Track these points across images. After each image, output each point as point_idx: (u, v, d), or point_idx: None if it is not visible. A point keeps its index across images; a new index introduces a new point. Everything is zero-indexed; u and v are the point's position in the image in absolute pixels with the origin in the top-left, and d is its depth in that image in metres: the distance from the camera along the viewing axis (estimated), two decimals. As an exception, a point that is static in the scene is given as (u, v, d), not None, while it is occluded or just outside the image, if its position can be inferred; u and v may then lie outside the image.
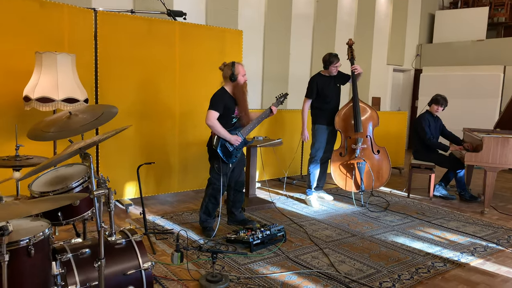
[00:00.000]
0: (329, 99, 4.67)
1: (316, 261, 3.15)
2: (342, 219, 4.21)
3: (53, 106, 3.07)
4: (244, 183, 3.86)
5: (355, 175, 4.65)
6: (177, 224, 3.89)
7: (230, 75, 3.50)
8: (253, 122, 3.66)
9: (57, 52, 3.12)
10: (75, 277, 1.99)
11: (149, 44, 4.29)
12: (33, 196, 2.17)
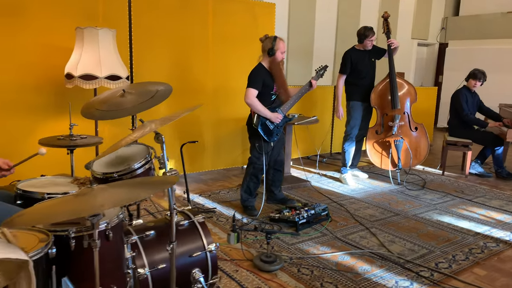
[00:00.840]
0: (363, 75, 4.52)
1: (365, 241, 3.09)
2: (382, 198, 4.14)
3: (96, 84, 2.98)
4: (283, 162, 3.78)
5: (392, 153, 4.55)
6: (216, 203, 3.85)
7: (269, 49, 3.37)
8: (293, 98, 3.55)
9: (98, 28, 3.01)
10: (143, 259, 1.95)
11: (182, 19, 4.16)
12: (95, 177, 2.11)
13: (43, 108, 3.41)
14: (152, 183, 1.33)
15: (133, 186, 1.28)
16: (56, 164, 3.27)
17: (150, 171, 2.15)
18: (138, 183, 1.33)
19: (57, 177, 2.22)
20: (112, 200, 1.15)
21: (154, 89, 2.37)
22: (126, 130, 3.96)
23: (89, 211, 1.10)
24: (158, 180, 1.33)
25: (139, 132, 1.61)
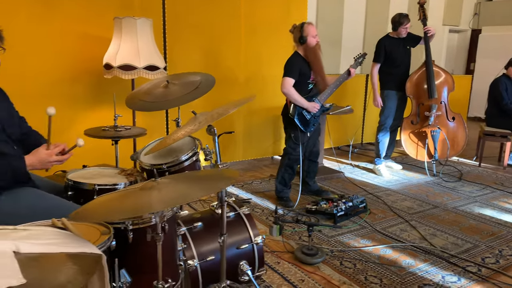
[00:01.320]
0: (398, 63, 4.40)
1: (405, 234, 3.03)
2: (418, 190, 4.05)
3: (135, 74, 2.97)
4: (319, 152, 3.73)
5: (428, 144, 4.43)
6: (250, 193, 3.84)
7: (299, 37, 3.30)
8: (331, 87, 3.48)
9: (136, 17, 2.99)
10: (193, 251, 1.95)
11: (215, 9, 4.11)
12: (143, 168, 2.11)
13: (82, 98, 3.44)
14: (214, 177, 1.30)
15: (196, 181, 1.25)
16: (96, 155, 3.30)
17: (197, 163, 2.13)
18: (201, 177, 1.30)
19: (104, 168, 2.23)
20: (179, 195, 1.12)
21: (197, 79, 2.35)
22: (161, 120, 3.97)
23: (159, 206, 1.08)
24: (219, 174, 1.30)
25: (193, 124, 1.58)
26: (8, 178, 1.60)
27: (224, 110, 1.56)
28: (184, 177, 1.31)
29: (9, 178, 1.59)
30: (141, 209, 1.11)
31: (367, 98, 5.70)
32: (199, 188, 1.17)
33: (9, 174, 1.52)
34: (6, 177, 1.59)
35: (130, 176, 2.07)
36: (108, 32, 3.37)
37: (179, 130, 1.67)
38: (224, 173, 1.34)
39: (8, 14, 3.01)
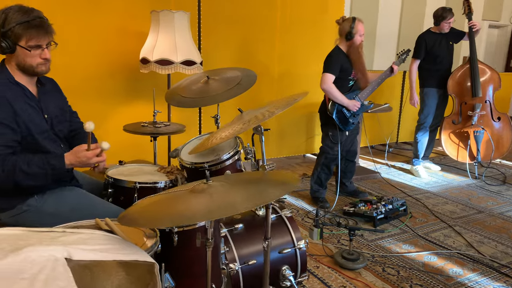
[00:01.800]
0: (440, 59, 4.19)
1: (450, 240, 2.87)
2: (459, 193, 3.86)
3: (172, 69, 2.92)
4: (356, 152, 3.59)
5: (470, 145, 4.22)
6: (283, 193, 3.74)
7: (347, 33, 3.16)
8: (372, 85, 3.33)
9: (174, 11, 2.93)
10: (234, 254, 1.87)
11: (250, 3, 4.01)
12: (183, 166, 2.05)
13: (118, 93, 3.41)
14: (271, 181, 1.20)
15: (251, 185, 1.16)
16: (131, 150, 3.27)
17: (238, 162, 2.05)
18: (255, 180, 1.21)
19: (143, 165, 2.18)
20: (235, 202, 1.03)
21: (238, 75, 2.27)
22: (194, 116, 3.91)
23: (214, 214, 0.99)
24: (277, 178, 1.21)
25: (241, 123, 1.50)
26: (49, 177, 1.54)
27: (274, 108, 1.47)
28: (237, 180, 1.23)
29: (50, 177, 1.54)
30: (193, 217, 1.02)
31: (404, 96, 5.50)
32: (257, 193, 1.08)
33: (49, 173, 1.47)
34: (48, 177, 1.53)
35: (170, 174, 2.01)
36: (144, 26, 3.33)
37: (225, 128, 1.59)
38: (281, 177, 1.24)
39: (48, 10, 2.99)
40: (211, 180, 1.19)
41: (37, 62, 1.60)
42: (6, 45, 1.53)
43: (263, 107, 1.61)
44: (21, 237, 0.99)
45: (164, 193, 1.30)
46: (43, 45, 1.59)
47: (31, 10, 1.56)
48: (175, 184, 1.98)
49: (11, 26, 1.51)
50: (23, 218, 1.59)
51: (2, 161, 1.45)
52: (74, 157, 1.50)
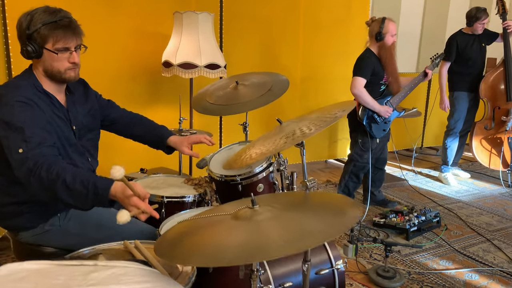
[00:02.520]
0: (471, 62, 3.99)
1: (490, 256, 2.69)
2: (493, 202, 3.66)
3: (196, 73, 2.79)
4: (386, 160, 3.42)
5: (504, 152, 4.01)
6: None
7: (377, 33, 2.99)
8: (405, 90, 3.16)
9: (198, 12, 2.80)
10: (268, 275, 1.73)
11: (273, 2, 3.87)
12: (212, 178, 1.91)
13: (139, 97, 3.28)
14: (328, 205, 1.05)
15: (303, 213, 1.01)
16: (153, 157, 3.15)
17: (271, 175, 1.91)
18: (307, 208, 1.06)
19: (168, 176, 2.05)
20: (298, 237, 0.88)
21: (268, 80, 2.13)
22: (215, 122, 3.78)
23: (273, 252, 0.83)
24: (332, 206, 1.05)
25: (281, 136, 1.35)
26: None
27: (320, 121, 1.32)
28: (286, 205, 1.08)
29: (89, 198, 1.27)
30: (234, 258, 0.86)
31: (429, 99, 5.31)
32: (319, 223, 0.93)
33: (90, 196, 1.22)
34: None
35: (198, 187, 1.88)
36: (166, 28, 3.21)
37: (263, 141, 1.44)
38: (336, 202, 1.09)
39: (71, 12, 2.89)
40: (258, 205, 1.05)
41: (65, 67, 1.46)
42: (32, 48, 1.39)
43: (304, 118, 1.46)
44: (47, 274, 0.86)
45: (202, 215, 1.16)
46: (71, 47, 1.45)
47: (58, 11, 1.43)
48: (204, 198, 1.85)
49: (37, 27, 1.38)
50: (46, 237, 1.47)
51: (49, 166, 1.25)
52: (121, 191, 1.23)
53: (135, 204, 1.19)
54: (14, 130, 1.30)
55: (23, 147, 1.27)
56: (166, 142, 1.80)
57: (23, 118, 1.32)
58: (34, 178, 1.24)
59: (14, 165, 1.29)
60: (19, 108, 1.34)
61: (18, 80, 1.45)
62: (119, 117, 1.80)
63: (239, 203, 1.29)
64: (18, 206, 1.45)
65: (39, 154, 1.27)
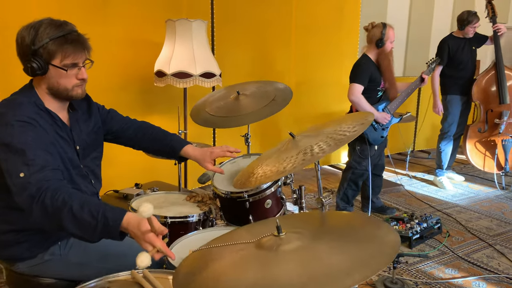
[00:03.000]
0: (463, 65, 4.00)
1: (495, 262, 2.66)
2: (490, 206, 3.65)
3: (190, 82, 2.70)
4: (384, 166, 3.39)
5: (497, 154, 4.02)
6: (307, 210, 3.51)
7: (378, 39, 2.95)
8: (402, 95, 3.13)
9: (191, 19, 2.71)
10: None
11: (265, 7, 3.81)
12: (216, 195, 1.82)
13: (131, 108, 3.15)
14: (365, 230, 0.96)
15: (340, 240, 0.92)
16: (147, 171, 3.03)
17: (278, 189, 1.83)
18: (343, 234, 0.97)
19: (168, 193, 1.95)
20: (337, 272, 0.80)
21: (271, 90, 2.05)
22: (208, 131, 3.68)
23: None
24: (366, 229, 0.97)
25: (297, 153, 1.27)
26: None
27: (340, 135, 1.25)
28: (314, 229, 1.00)
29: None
30: None
31: (420, 103, 5.32)
32: (357, 253, 0.85)
33: (99, 228, 1.09)
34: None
35: (202, 205, 1.79)
36: (156, 36, 3.11)
37: (276, 157, 1.36)
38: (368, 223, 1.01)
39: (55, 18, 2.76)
40: (284, 232, 0.96)
41: (73, 84, 1.35)
42: (38, 65, 1.27)
43: (318, 132, 1.38)
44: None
45: (220, 241, 1.07)
46: (79, 63, 1.34)
47: (64, 24, 1.32)
48: (208, 217, 1.76)
49: (43, 42, 1.26)
50: (44, 268, 1.35)
51: (53, 192, 1.13)
52: (135, 224, 1.09)
53: (150, 241, 1.06)
54: (14, 153, 1.18)
55: (25, 171, 1.15)
56: (178, 153, 1.64)
57: (25, 139, 1.20)
58: (37, 205, 1.12)
59: (15, 190, 1.16)
60: (20, 129, 1.22)
61: (18, 97, 1.32)
62: (123, 129, 1.66)
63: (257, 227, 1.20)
64: (15, 234, 1.33)
65: (42, 179, 1.15)
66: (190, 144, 1.65)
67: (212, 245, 1.09)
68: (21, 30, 1.30)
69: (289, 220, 1.17)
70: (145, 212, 1.00)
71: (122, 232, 1.12)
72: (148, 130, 1.67)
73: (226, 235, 1.16)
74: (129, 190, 2.41)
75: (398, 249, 0.88)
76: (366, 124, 1.25)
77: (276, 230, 0.97)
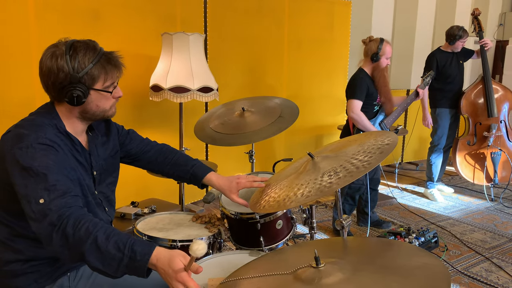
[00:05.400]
0: (451, 79, 4.07)
1: (494, 276, 2.66)
2: (482, 218, 3.69)
3: (188, 97, 2.63)
4: (379, 180, 3.38)
5: (487, 166, 4.09)
6: (300, 224, 3.47)
7: (374, 54, 2.96)
8: (397, 110, 3.14)
9: (189, 33, 2.66)
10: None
11: (257, 21, 3.79)
12: (224, 215, 1.75)
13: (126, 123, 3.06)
14: (415, 273, 0.91)
15: (388, 275, 0.88)
16: (143, 188, 2.93)
17: (288, 210, 1.78)
18: (382, 261, 0.93)
19: (173, 213, 1.87)
20: None
21: (276, 106, 2.01)
22: (200, 146, 3.60)
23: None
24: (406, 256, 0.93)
25: (321, 175, 1.23)
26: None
27: (365, 156, 1.21)
28: (352, 257, 0.95)
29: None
30: None
31: (407, 115, 5.38)
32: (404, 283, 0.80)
33: (124, 262, 1.01)
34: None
35: (210, 226, 1.72)
36: (151, 50, 3.04)
37: (294, 179, 1.31)
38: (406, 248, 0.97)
39: (49, 31, 2.67)
40: (323, 263, 0.91)
41: (111, 104, 1.31)
42: (83, 93, 1.21)
43: (338, 152, 1.35)
44: None
45: (248, 273, 1.01)
46: (115, 81, 1.30)
47: (94, 43, 1.27)
48: (217, 239, 1.69)
49: (87, 68, 1.20)
50: (52, 301, 1.25)
51: (76, 220, 1.04)
52: (165, 261, 1.01)
53: (183, 281, 0.98)
54: (35, 177, 1.09)
55: (45, 196, 1.07)
56: (201, 181, 1.55)
57: (46, 164, 1.11)
58: (57, 234, 1.03)
59: (34, 217, 1.07)
60: (42, 152, 1.13)
61: (38, 118, 1.23)
62: (142, 152, 1.57)
63: (283, 254, 1.15)
64: (22, 264, 1.22)
65: (64, 205, 1.06)
66: (213, 171, 1.56)
67: (240, 276, 1.02)
68: (49, 59, 1.21)
69: (314, 246, 1.11)
70: (200, 251, 0.93)
71: (148, 269, 1.04)
72: (169, 154, 1.58)
73: (252, 263, 1.10)
74: (126, 209, 2.32)
75: (450, 283, 0.84)
76: (392, 144, 1.22)
77: (314, 261, 0.92)
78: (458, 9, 6.79)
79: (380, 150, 1.20)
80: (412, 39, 6.45)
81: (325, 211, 3.82)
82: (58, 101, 1.26)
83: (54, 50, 1.22)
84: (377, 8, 6.84)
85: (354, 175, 1.12)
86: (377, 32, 6.92)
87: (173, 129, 3.13)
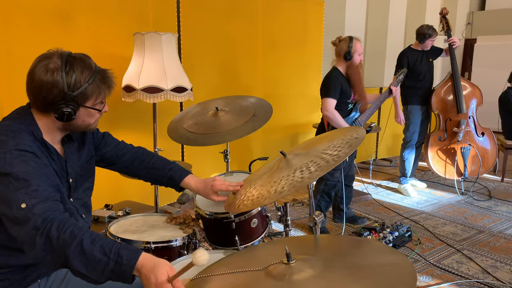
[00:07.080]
0: (422, 76, 4.18)
1: (464, 267, 2.75)
2: (453, 211, 3.80)
3: (162, 97, 2.61)
4: (354, 177, 3.44)
5: (457, 161, 4.21)
6: (275, 221, 3.49)
7: (346, 53, 3.01)
8: (371, 108, 3.20)
9: (161, 33, 2.63)
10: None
11: (231, 21, 3.79)
12: (199, 215, 1.75)
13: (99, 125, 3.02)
14: (384, 269, 0.93)
15: (357, 270, 0.89)
16: (116, 191, 2.88)
17: (263, 208, 1.79)
18: (360, 264, 0.93)
19: (147, 215, 1.85)
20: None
21: (250, 105, 2.02)
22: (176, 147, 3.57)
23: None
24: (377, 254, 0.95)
25: (293, 172, 1.24)
26: None
27: (335, 150, 1.23)
28: (324, 255, 0.96)
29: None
30: None
31: (381, 113, 5.48)
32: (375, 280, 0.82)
33: (109, 266, 0.99)
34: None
35: (185, 227, 1.71)
36: (123, 49, 3.00)
37: (267, 177, 1.32)
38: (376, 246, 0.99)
39: (17, 32, 2.59)
40: (294, 260, 0.92)
41: (96, 119, 1.30)
42: (73, 110, 1.19)
43: (309, 149, 1.36)
44: None
45: (221, 270, 1.01)
46: (104, 99, 1.29)
47: (89, 59, 1.25)
48: (192, 239, 1.68)
49: (83, 88, 1.19)
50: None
51: (60, 223, 1.02)
52: (150, 268, 0.99)
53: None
54: (15, 183, 1.07)
55: (27, 201, 1.05)
56: (178, 185, 1.55)
57: (26, 169, 1.09)
58: (41, 238, 1.01)
59: (16, 222, 1.04)
60: (21, 158, 1.11)
61: (15, 123, 1.19)
62: (117, 156, 1.54)
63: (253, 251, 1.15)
64: None
65: (47, 209, 1.05)
66: (190, 174, 1.55)
67: (214, 272, 1.02)
68: (44, 73, 1.17)
69: (287, 243, 1.13)
70: (201, 262, 0.91)
71: (133, 275, 1.02)
72: (146, 158, 1.56)
73: (223, 260, 1.10)
74: (99, 212, 2.28)
75: (416, 280, 0.86)
76: (360, 138, 1.25)
77: (286, 257, 0.93)
78: (428, 8, 6.95)
79: (349, 144, 1.22)
80: (384, 38, 6.58)
81: (302, 208, 3.85)
82: (43, 112, 1.23)
83: (47, 63, 1.19)
84: (350, 7, 6.93)
85: (324, 169, 1.13)
86: (350, 31, 7.01)
87: (147, 130, 3.09)
